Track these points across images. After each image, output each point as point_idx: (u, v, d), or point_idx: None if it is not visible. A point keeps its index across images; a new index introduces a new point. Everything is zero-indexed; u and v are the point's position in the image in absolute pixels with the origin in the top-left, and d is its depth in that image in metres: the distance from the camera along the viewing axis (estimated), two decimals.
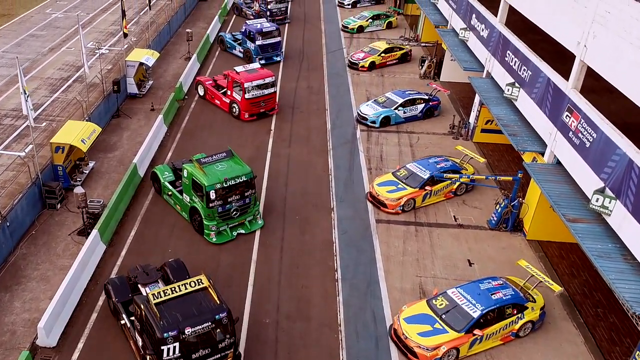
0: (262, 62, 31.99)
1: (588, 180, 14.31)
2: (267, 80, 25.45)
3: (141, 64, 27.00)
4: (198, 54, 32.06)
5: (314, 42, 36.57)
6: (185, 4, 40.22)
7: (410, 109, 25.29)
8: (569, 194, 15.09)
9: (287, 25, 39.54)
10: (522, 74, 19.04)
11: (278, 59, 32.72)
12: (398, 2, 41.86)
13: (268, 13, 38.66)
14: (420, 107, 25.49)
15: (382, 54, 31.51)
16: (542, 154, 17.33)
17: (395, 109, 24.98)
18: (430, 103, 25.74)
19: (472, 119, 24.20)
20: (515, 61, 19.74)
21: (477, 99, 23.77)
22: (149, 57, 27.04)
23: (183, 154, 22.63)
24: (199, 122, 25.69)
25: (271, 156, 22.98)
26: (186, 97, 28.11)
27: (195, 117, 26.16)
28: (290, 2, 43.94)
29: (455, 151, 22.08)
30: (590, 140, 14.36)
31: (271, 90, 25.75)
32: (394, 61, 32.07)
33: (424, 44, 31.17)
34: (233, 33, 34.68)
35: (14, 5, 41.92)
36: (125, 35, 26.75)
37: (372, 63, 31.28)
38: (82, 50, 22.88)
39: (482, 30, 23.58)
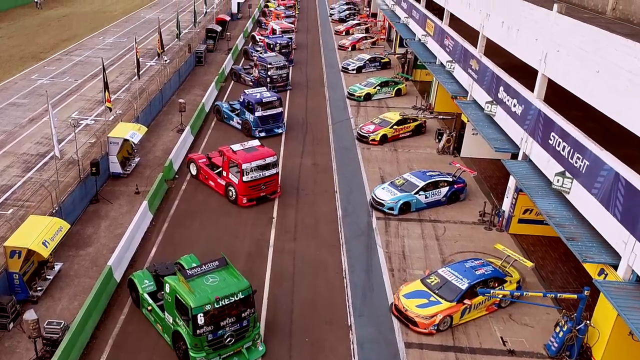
0: (262, 134, 29.08)
1: None
2: (269, 160, 22.34)
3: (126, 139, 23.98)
4: (192, 125, 29.15)
5: (318, 111, 33.86)
6: (180, 69, 37.80)
7: (433, 192, 22.07)
8: None
9: (288, 92, 37.02)
10: (576, 163, 15.93)
11: (279, 131, 29.82)
12: (406, 67, 39.62)
13: (268, 79, 36.18)
14: (444, 190, 22.29)
15: (395, 126, 28.66)
16: (615, 267, 13.94)
17: (416, 193, 21.77)
18: (455, 186, 22.56)
19: (506, 206, 20.94)
20: (564, 146, 16.68)
21: (511, 183, 20.62)
22: (134, 132, 24.00)
23: (169, 252, 19.16)
24: (189, 208, 22.32)
25: (274, 253, 19.48)
26: (177, 176, 24.89)
27: (186, 202, 22.82)
28: (291, 67, 41.79)
29: (491, 247, 18.71)
30: None
31: (273, 171, 22.58)
32: (408, 133, 29.20)
33: (442, 117, 28.39)
34: (231, 102, 31.96)
35: None
36: (110, 109, 23.79)
37: (384, 136, 28.37)
38: (52, 130, 19.73)
39: (514, 105, 20.73)
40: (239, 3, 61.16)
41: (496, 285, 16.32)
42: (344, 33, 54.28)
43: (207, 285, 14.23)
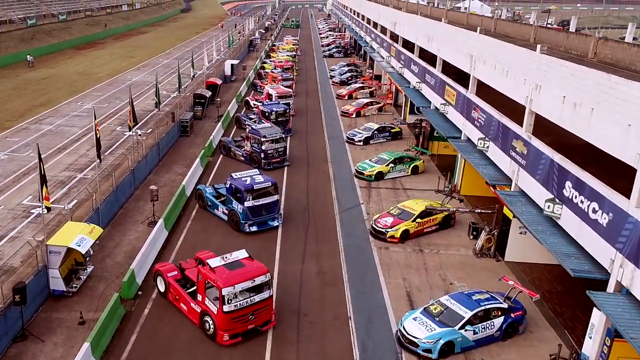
0: (254, 229, 23.44)
1: None
2: (259, 280, 16.53)
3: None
4: (166, 217, 23.47)
5: (321, 194, 28.34)
6: (160, 142, 32.51)
7: (484, 326, 16.21)
8: None
9: (285, 169, 31.70)
10: None
11: (275, 223, 24.15)
12: (421, 139, 34.53)
13: (262, 155, 30.93)
14: (498, 322, 16.41)
15: (418, 219, 23.09)
16: None
17: (461, 327, 15.90)
18: (512, 314, 16.72)
19: (588, 350, 14.98)
20: None
21: (596, 318, 14.74)
22: (84, 237, 18.27)
23: None
24: (150, 348, 16.23)
25: None
26: (139, 293, 18.98)
27: (147, 337, 16.77)
28: (289, 138, 36.74)
29: None
30: None
31: (265, 294, 16.73)
32: (434, 227, 23.62)
33: (479, 210, 22.84)
34: (216, 186, 26.42)
35: None
36: (48, 210, 18.12)
37: (405, 232, 22.73)
38: None
39: (594, 211, 15.17)
40: (232, 65, 57.10)
41: None
42: (346, 97, 49.82)
43: None
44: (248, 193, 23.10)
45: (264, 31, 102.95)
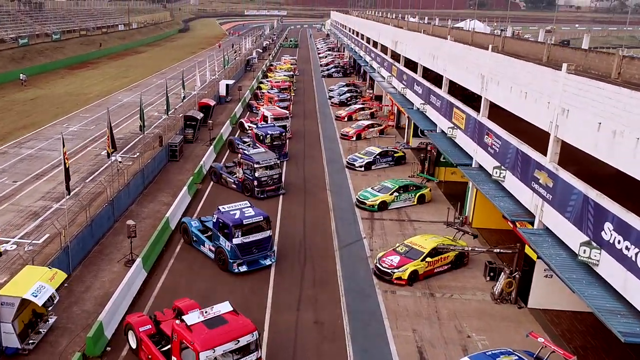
0: (243, 268, 20.89)
1: None
2: (245, 340, 13.93)
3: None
4: (145, 255, 20.89)
5: (319, 227, 25.81)
6: (145, 169, 30.00)
7: None
8: None
9: (280, 197, 29.22)
10: None
11: (267, 262, 21.58)
12: (426, 164, 32.10)
13: (255, 182, 28.50)
14: None
15: (428, 258, 20.57)
16: None
17: None
18: None
19: None
20: None
21: None
22: (43, 285, 15.67)
23: None
24: None
25: None
26: (108, 349, 16.35)
27: None
28: (285, 163, 34.39)
29: None
30: None
31: (252, 357, 14.15)
32: (445, 267, 21.08)
33: (498, 250, 20.30)
34: (203, 218, 23.93)
35: None
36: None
37: (414, 273, 20.20)
38: None
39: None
40: (227, 85, 54.99)
41: None
42: (345, 119, 47.60)
43: None
44: (237, 229, 20.58)
45: (261, 51, 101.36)
